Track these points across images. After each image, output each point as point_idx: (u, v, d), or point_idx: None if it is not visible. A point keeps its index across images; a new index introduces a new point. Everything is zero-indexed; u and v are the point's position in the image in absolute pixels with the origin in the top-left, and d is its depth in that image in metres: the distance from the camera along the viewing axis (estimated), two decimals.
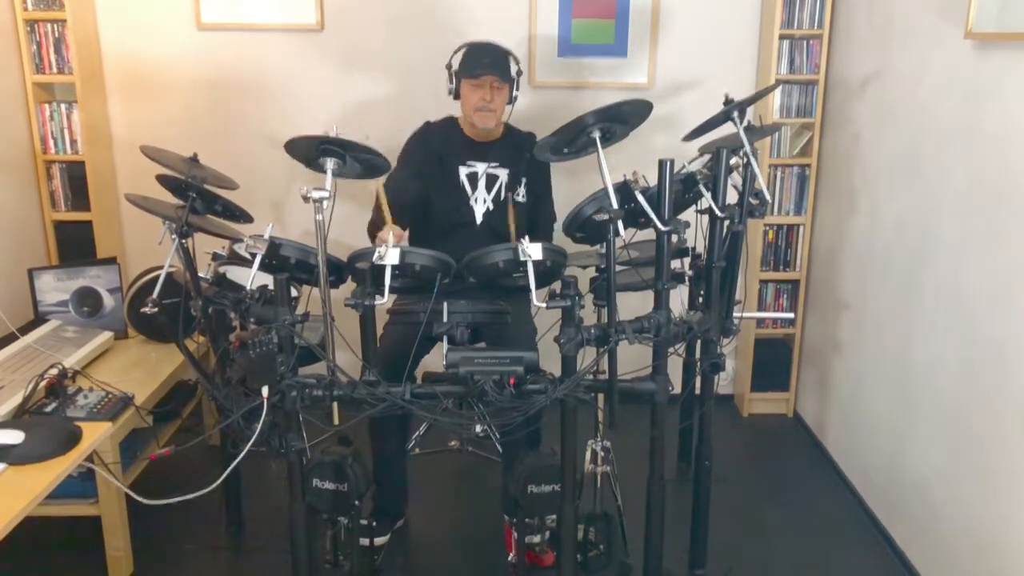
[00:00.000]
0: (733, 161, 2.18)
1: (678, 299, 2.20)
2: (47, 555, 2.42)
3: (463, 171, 2.57)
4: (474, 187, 2.56)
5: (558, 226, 2.58)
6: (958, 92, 2.15)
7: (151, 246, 3.03)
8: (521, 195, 2.59)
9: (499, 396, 1.83)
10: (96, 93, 3.12)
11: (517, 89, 2.54)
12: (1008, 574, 1.92)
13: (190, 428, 2.90)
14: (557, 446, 1.98)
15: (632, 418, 2.03)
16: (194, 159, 2.23)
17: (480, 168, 2.56)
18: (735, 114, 2.19)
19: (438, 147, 2.59)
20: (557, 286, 1.90)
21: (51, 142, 3.06)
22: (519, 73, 2.54)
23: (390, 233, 2.02)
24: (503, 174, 2.57)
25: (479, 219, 2.56)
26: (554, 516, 2.15)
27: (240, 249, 2.19)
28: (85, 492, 2.23)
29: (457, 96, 2.55)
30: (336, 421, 2.14)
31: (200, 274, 2.12)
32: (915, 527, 2.38)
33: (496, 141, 2.60)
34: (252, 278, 1.97)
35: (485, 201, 2.57)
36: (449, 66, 2.54)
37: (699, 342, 2.40)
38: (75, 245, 3.13)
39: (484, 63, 2.46)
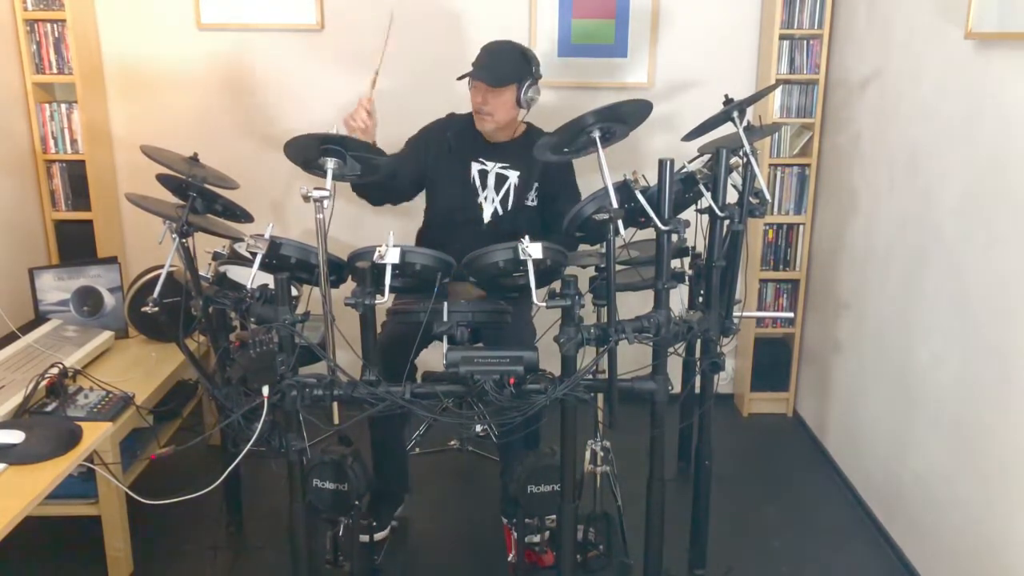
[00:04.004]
0: (733, 161, 2.18)
1: (678, 298, 2.20)
2: (47, 555, 2.42)
3: (475, 167, 2.55)
4: (484, 185, 2.54)
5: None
6: (958, 92, 2.15)
7: (151, 245, 3.04)
8: (531, 199, 2.58)
9: (499, 396, 1.83)
10: (96, 93, 3.12)
11: (526, 92, 2.46)
12: (1008, 574, 1.92)
13: (190, 428, 2.90)
14: (557, 446, 1.98)
15: (632, 418, 2.02)
16: (194, 159, 2.23)
17: (491, 166, 2.55)
18: (735, 114, 2.19)
19: (454, 138, 2.57)
20: (557, 285, 1.90)
21: (51, 142, 3.06)
22: (530, 74, 2.46)
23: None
24: (513, 176, 2.55)
25: (487, 218, 2.55)
26: (554, 516, 2.15)
27: (241, 248, 2.19)
28: (85, 492, 2.23)
29: None
30: (336, 421, 2.14)
31: (201, 273, 2.12)
32: (915, 527, 2.38)
33: (511, 142, 2.58)
34: (252, 277, 1.97)
35: (493, 201, 2.55)
36: None
37: (699, 341, 2.40)
38: (75, 244, 3.13)
39: (479, 66, 2.44)
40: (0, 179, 2.89)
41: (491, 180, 2.54)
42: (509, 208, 2.56)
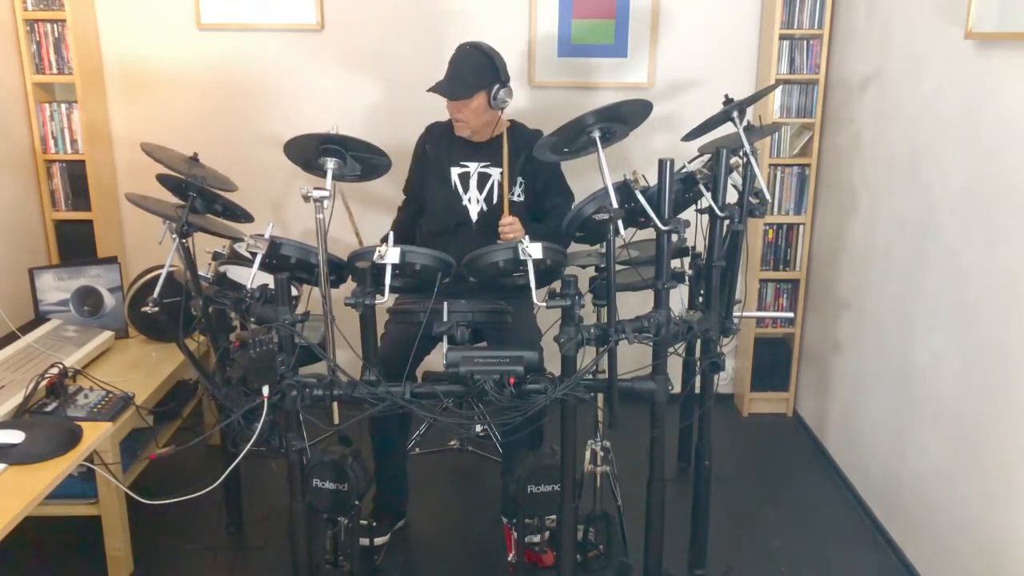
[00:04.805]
0: (733, 161, 2.18)
1: (678, 298, 2.20)
2: (47, 555, 2.42)
3: (455, 172, 2.57)
4: (466, 187, 2.56)
5: None
6: (958, 92, 2.15)
7: (151, 245, 3.04)
8: (517, 195, 2.58)
9: (499, 396, 1.83)
10: (96, 93, 3.12)
11: (495, 96, 2.46)
12: (1008, 574, 1.92)
13: (190, 428, 2.90)
14: (557, 446, 1.98)
15: (632, 418, 2.03)
16: (194, 158, 2.23)
17: (472, 167, 2.57)
18: (735, 114, 2.19)
19: (434, 148, 2.62)
20: (557, 285, 1.90)
21: (51, 142, 3.06)
22: (497, 78, 2.45)
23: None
24: (496, 173, 2.56)
25: (474, 218, 2.57)
26: (554, 516, 2.15)
27: (241, 248, 2.19)
28: (85, 492, 2.23)
29: None
30: (336, 421, 2.14)
31: (201, 273, 2.12)
32: (915, 527, 2.38)
33: (492, 140, 2.59)
34: (252, 277, 1.97)
35: (478, 201, 2.57)
36: None
37: (699, 341, 2.40)
38: (75, 244, 3.13)
39: (445, 78, 2.46)
40: (0, 179, 2.89)
41: (473, 180, 2.56)
42: (494, 204, 2.56)
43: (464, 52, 2.49)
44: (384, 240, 1.94)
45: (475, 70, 2.45)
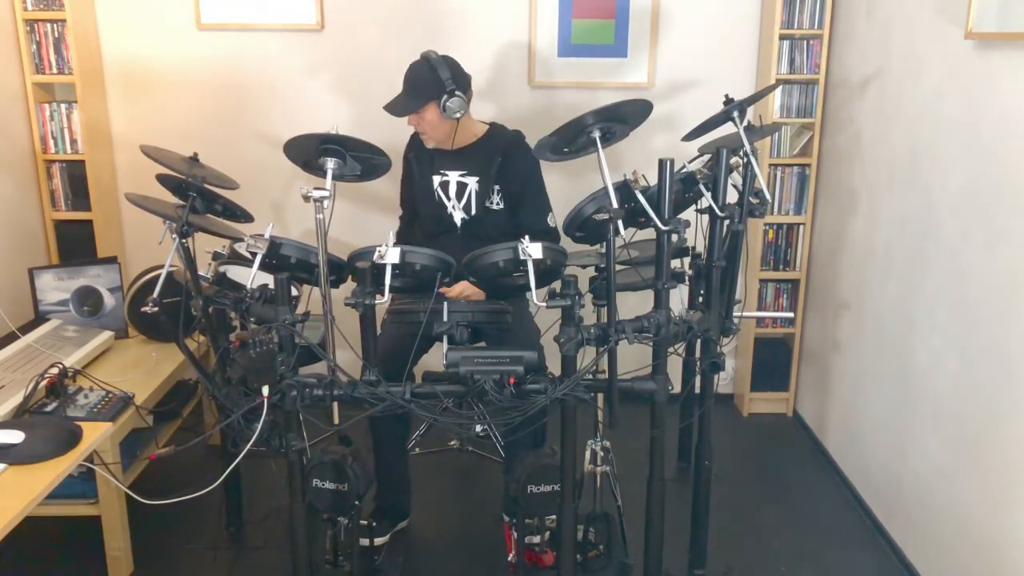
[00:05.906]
0: (733, 161, 2.18)
1: (678, 298, 2.20)
2: (47, 555, 2.42)
3: (436, 180, 2.56)
4: (447, 195, 2.55)
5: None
6: (958, 92, 2.15)
7: (151, 245, 3.04)
8: (495, 203, 2.54)
9: (499, 396, 1.83)
10: (96, 93, 3.12)
11: (443, 106, 2.36)
12: (1008, 574, 1.92)
13: (190, 428, 2.90)
14: (557, 446, 1.98)
15: (632, 418, 2.03)
16: (194, 158, 2.23)
17: (451, 176, 2.55)
18: (735, 114, 2.19)
19: (417, 158, 2.61)
20: (557, 285, 1.90)
21: (51, 142, 3.06)
22: (444, 88, 2.35)
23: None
24: (472, 182, 2.53)
25: (459, 224, 2.56)
26: (554, 516, 2.15)
27: (241, 248, 2.19)
28: (85, 492, 2.23)
29: None
30: (336, 421, 2.14)
31: (200, 273, 2.12)
32: (915, 527, 2.38)
33: (468, 147, 2.55)
34: (252, 277, 1.97)
35: (459, 209, 2.55)
36: None
37: (699, 341, 2.40)
38: (75, 244, 3.13)
39: (396, 97, 2.43)
40: (0, 179, 2.89)
41: (452, 189, 2.54)
42: (474, 213, 2.55)
43: (413, 66, 2.45)
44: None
45: (421, 83, 2.40)
